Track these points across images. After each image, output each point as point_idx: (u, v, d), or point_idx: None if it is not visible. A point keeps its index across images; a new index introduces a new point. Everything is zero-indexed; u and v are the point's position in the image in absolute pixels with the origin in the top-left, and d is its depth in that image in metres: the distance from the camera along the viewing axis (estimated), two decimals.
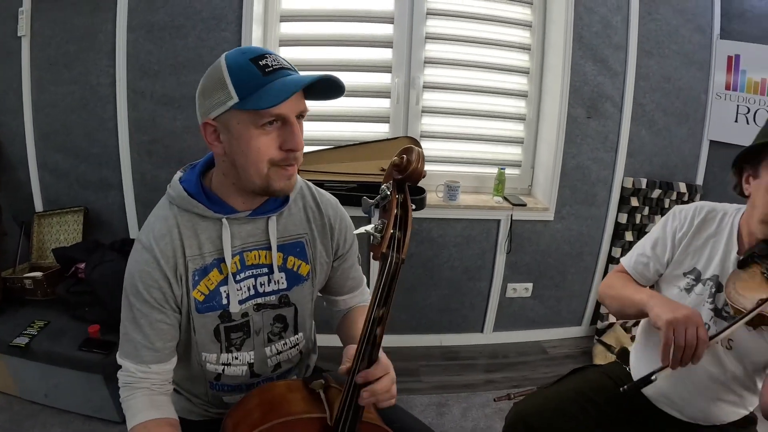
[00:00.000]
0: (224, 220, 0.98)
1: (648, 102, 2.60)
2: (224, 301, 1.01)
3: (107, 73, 2.30)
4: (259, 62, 0.88)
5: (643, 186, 2.65)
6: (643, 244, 1.37)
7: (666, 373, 1.09)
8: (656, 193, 2.69)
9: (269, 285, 1.06)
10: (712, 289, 1.21)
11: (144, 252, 0.95)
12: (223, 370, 1.06)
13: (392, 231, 0.77)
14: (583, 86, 2.50)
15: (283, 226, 1.06)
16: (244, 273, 1.03)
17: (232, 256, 1.00)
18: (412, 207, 0.81)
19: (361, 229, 0.82)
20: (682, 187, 2.70)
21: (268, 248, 1.04)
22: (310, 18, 2.46)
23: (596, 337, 2.78)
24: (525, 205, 2.59)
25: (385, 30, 2.47)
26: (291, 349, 1.14)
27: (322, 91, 0.92)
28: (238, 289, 1.02)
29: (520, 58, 2.63)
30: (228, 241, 0.99)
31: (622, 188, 2.67)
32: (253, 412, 0.92)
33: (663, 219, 1.36)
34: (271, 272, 1.05)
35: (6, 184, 2.46)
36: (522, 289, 2.77)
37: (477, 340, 2.82)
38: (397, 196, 0.80)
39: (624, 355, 1.48)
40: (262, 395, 0.97)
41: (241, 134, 0.89)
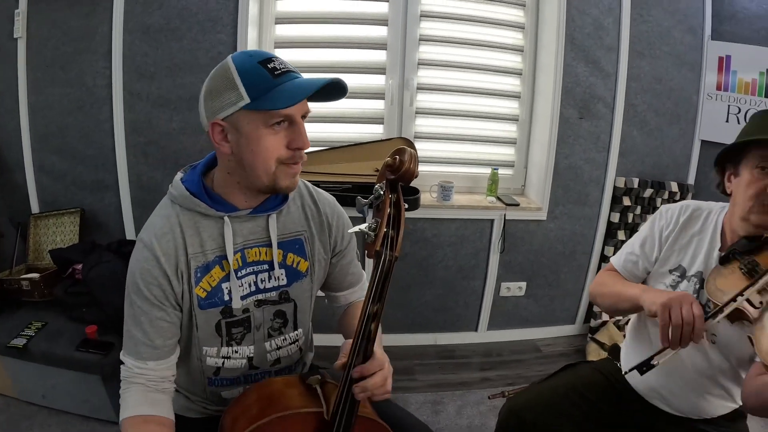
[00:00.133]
0: (226, 218, 1.01)
1: (640, 103, 2.62)
2: (226, 298, 1.03)
3: (103, 75, 2.31)
4: (268, 65, 0.92)
5: (635, 185, 2.68)
6: (632, 243, 1.40)
7: (667, 356, 1.10)
8: (648, 193, 2.71)
9: (269, 281, 1.08)
10: (696, 286, 1.24)
11: (145, 250, 0.98)
12: (223, 363, 1.08)
13: (385, 229, 0.80)
14: (575, 87, 2.52)
15: (282, 224, 1.09)
16: (245, 270, 1.05)
17: (234, 253, 1.02)
18: (405, 206, 0.83)
19: (356, 228, 0.85)
20: (674, 187, 2.72)
21: (269, 245, 1.07)
22: (305, 20, 2.47)
23: (589, 336, 2.80)
24: (518, 205, 2.61)
25: (380, 32, 2.49)
26: (290, 344, 1.16)
27: (327, 93, 0.95)
28: (239, 286, 1.04)
29: (513, 60, 2.65)
30: (230, 239, 1.01)
31: (615, 188, 2.70)
32: (251, 407, 0.94)
33: (651, 218, 1.38)
34: (271, 269, 1.08)
35: (2, 186, 2.47)
36: (516, 288, 2.79)
37: (471, 338, 2.83)
38: (390, 196, 0.82)
39: (615, 351, 1.51)
40: (260, 391, 0.99)
41: (251, 134, 0.92)
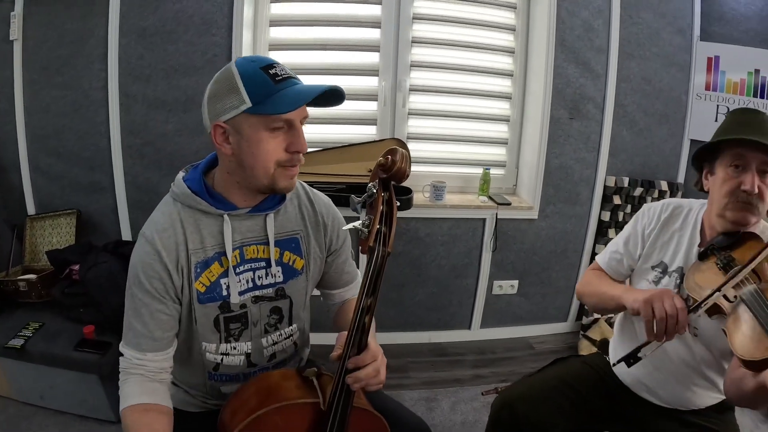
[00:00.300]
0: (225, 216, 1.05)
1: (629, 103, 2.66)
2: (224, 293, 1.07)
3: (99, 77, 2.32)
4: (269, 71, 0.95)
5: (626, 184, 2.72)
6: (616, 242, 1.44)
7: (653, 348, 1.14)
8: (638, 192, 2.75)
9: (266, 278, 1.12)
10: (678, 281, 1.28)
11: (146, 244, 1.01)
12: (222, 359, 1.12)
13: (378, 226, 0.83)
14: (565, 88, 2.56)
15: (279, 223, 1.13)
16: (243, 266, 1.09)
17: (233, 250, 1.06)
18: (397, 204, 0.87)
19: (350, 225, 0.89)
20: (664, 186, 2.77)
21: (266, 243, 1.11)
22: (299, 23, 2.50)
23: (581, 333, 2.83)
24: (510, 204, 2.65)
25: (372, 34, 2.52)
26: (286, 339, 1.19)
27: (325, 99, 0.99)
28: (237, 281, 1.08)
29: (504, 61, 2.68)
30: (229, 236, 1.05)
31: (605, 187, 2.74)
32: (250, 400, 0.97)
33: (634, 217, 1.43)
34: (268, 266, 1.11)
35: None
36: (508, 287, 2.82)
37: (464, 336, 2.86)
38: (383, 194, 0.86)
39: (604, 345, 1.55)
40: (258, 383, 1.02)
41: (252, 137, 0.96)
